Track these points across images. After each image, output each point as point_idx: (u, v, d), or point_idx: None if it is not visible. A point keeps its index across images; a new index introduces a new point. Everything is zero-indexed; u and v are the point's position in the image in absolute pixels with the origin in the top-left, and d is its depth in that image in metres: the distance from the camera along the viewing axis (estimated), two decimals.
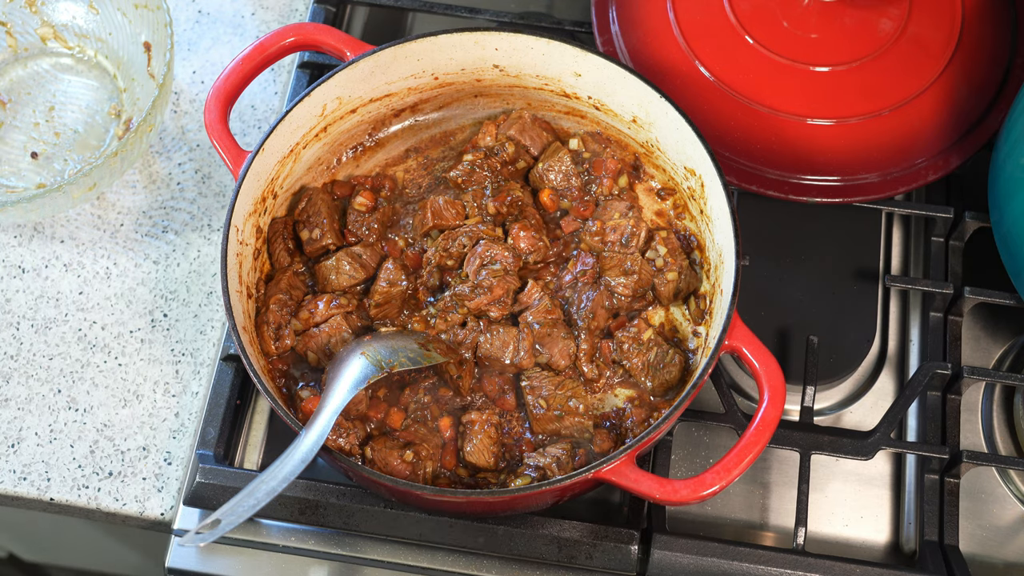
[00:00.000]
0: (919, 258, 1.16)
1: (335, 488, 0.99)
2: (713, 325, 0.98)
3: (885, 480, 1.07)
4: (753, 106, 1.12)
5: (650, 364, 0.99)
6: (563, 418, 0.97)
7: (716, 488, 0.86)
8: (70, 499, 1.05)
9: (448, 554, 1.00)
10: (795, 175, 1.09)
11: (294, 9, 1.28)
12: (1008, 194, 1.00)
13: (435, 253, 1.03)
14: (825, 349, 1.08)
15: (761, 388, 0.90)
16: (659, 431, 0.89)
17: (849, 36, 1.14)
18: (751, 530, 1.05)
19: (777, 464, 1.08)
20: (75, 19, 1.22)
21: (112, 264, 1.14)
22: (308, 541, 1.01)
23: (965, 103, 1.12)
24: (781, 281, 1.13)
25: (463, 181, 1.06)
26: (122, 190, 1.18)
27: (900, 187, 1.09)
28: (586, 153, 1.09)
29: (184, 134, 1.21)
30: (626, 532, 0.97)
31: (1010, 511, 1.06)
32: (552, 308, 1.00)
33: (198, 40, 1.26)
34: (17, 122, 1.19)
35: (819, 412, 1.10)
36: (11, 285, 1.13)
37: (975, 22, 1.15)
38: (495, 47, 1.05)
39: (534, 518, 0.97)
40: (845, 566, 0.97)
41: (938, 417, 1.05)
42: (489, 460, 0.96)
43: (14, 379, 1.09)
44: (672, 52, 1.15)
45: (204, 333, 1.11)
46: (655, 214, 1.07)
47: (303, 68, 1.19)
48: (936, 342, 1.09)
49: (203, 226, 1.16)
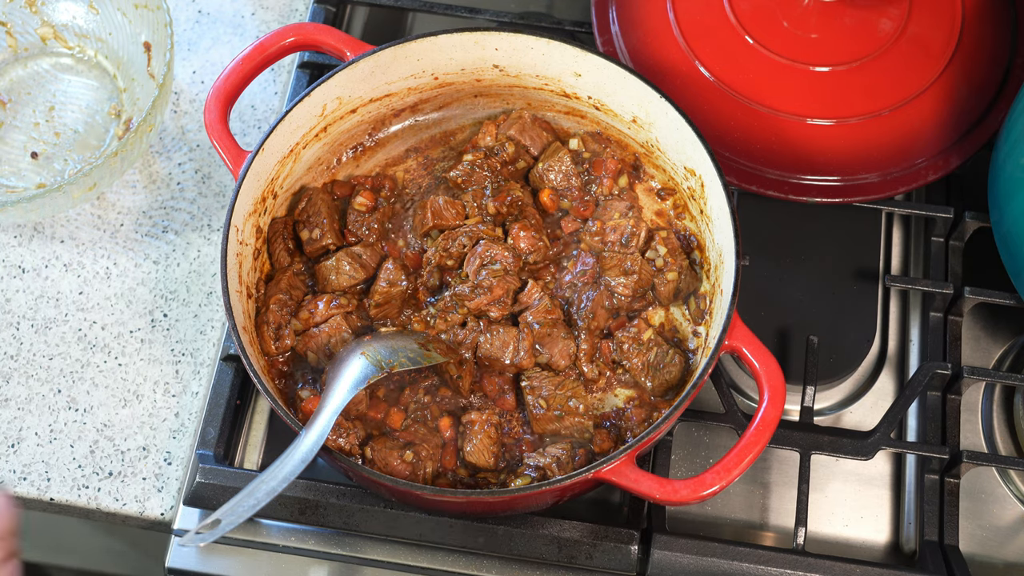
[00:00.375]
0: (919, 258, 1.16)
1: (335, 488, 0.99)
2: (713, 325, 0.98)
3: (885, 480, 1.07)
4: (753, 106, 1.12)
5: (650, 364, 0.99)
6: (563, 418, 0.97)
7: (716, 488, 0.86)
8: (70, 499, 1.05)
9: (448, 554, 1.00)
10: (795, 175, 1.10)
11: (294, 9, 1.28)
12: (1008, 194, 1.00)
13: (435, 253, 1.03)
14: (825, 349, 1.08)
15: (761, 388, 0.90)
16: (659, 431, 0.89)
17: (849, 36, 1.14)
18: (751, 530, 1.05)
19: (777, 464, 1.08)
20: (75, 19, 1.22)
21: (112, 264, 1.14)
22: (308, 541, 1.01)
23: (965, 103, 1.12)
24: (781, 281, 1.13)
25: (463, 181, 1.06)
26: (122, 190, 1.18)
27: (900, 187, 1.09)
28: (586, 153, 1.09)
29: (184, 134, 1.21)
30: (626, 532, 0.97)
31: (1010, 511, 1.06)
32: (552, 308, 1.00)
33: (198, 40, 1.26)
34: (17, 122, 1.19)
35: (819, 412, 1.10)
36: (11, 285, 1.13)
37: (975, 22, 1.15)
38: (495, 47, 1.05)
39: (534, 518, 0.97)
40: (845, 566, 0.97)
41: (938, 417, 1.05)
42: (489, 460, 0.96)
43: (14, 379, 1.09)
44: (672, 52, 1.15)
45: (204, 333, 1.11)
46: (655, 214, 1.07)
47: (303, 68, 1.19)
48: (936, 342, 1.09)
49: (203, 226, 1.16)
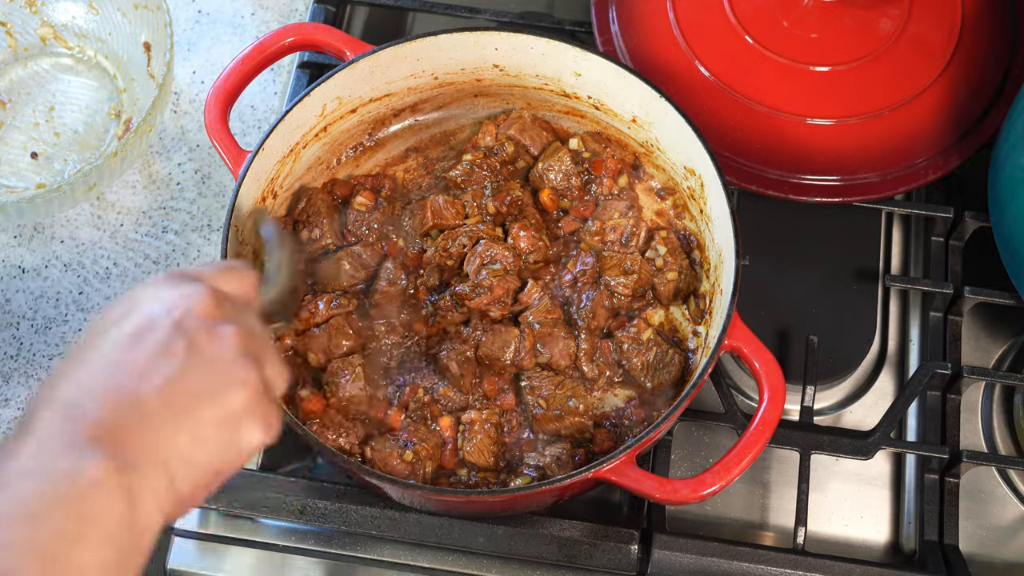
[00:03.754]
0: (919, 258, 1.16)
1: (335, 488, 0.99)
2: (713, 325, 0.98)
3: (885, 480, 1.07)
4: (753, 106, 1.12)
5: (649, 364, 0.99)
6: (563, 418, 0.97)
7: (716, 488, 0.86)
8: None
9: (448, 554, 1.00)
10: (795, 175, 1.10)
11: (294, 9, 1.28)
12: (1008, 194, 1.00)
13: (435, 253, 1.03)
14: (825, 349, 1.08)
15: (761, 388, 0.90)
16: (659, 430, 0.89)
17: (849, 36, 1.14)
18: (751, 530, 1.05)
19: (777, 464, 1.08)
20: (75, 19, 1.22)
21: (112, 264, 1.14)
22: (308, 541, 1.01)
23: (965, 103, 1.12)
24: (781, 281, 1.13)
25: (463, 181, 1.06)
26: (122, 190, 1.18)
27: (900, 187, 1.09)
28: (586, 153, 1.09)
29: (184, 134, 1.21)
30: (626, 532, 0.97)
31: (1010, 511, 1.06)
32: (552, 308, 1.00)
33: (198, 40, 1.26)
34: (17, 122, 1.19)
35: (819, 412, 1.10)
36: (11, 285, 1.13)
37: (975, 22, 1.15)
38: (495, 47, 1.05)
39: (534, 518, 0.97)
40: (845, 566, 0.96)
41: (938, 417, 1.05)
42: (489, 460, 0.96)
43: (14, 379, 1.09)
44: (672, 52, 1.15)
45: None
46: (655, 214, 1.07)
47: (303, 68, 1.19)
48: (936, 342, 1.09)
49: (203, 226, 1.16)
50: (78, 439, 0.62)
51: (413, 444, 0.96)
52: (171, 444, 0.66)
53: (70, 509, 0.60)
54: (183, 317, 0.69)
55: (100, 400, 0.65)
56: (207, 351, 0.69)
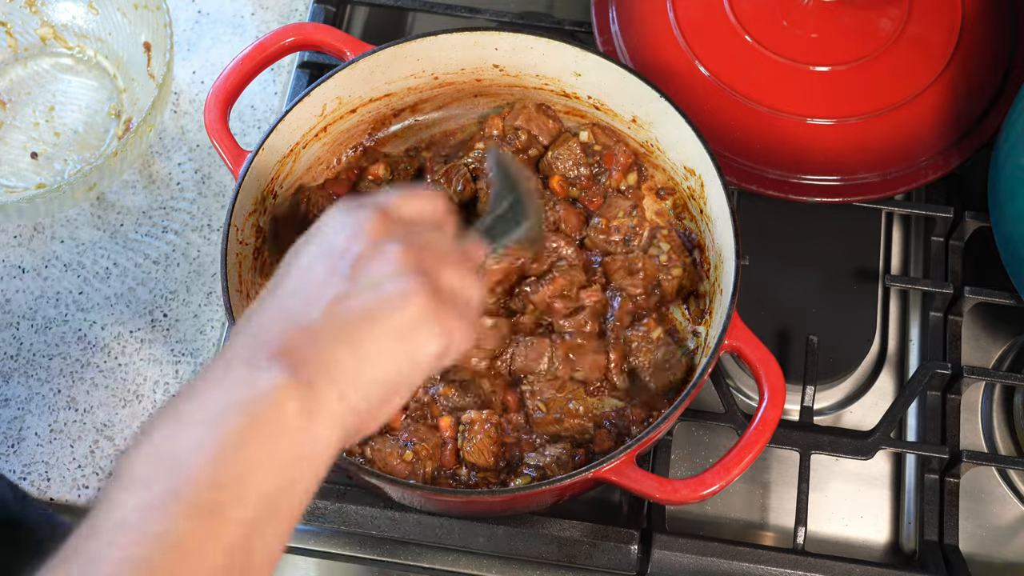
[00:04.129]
0: (919, 258, 1.16)
1: (335, 488, 0.99)
2: (713, 325, 0.98)
3: (885, 480, 1.07)
4: (753, 106, 1.12)
5: (656, 363, 0.98)
6: (563, 420, 0.97)
7: (716, 488, 0.86)
8: (70, 499, 1.05)
9: (448, 554, 1.00)
10: (795, 175, 1.10)
11: (294, 9, 1.28)
12: (1008, 194, 1.00)
13: None
14: (825, 349, 1.07)
15: (761, 388, 0.90)
16: (659, 430, 0.89)
17: (849, 36, 1.14)
18: (751, 530, 1.05)
19: (777, 464, 1.08)
20: (75, 19, 1.22)
21: (112, 264, 1.14)
22: (308, 541, 1.01)
23: (965, 103, 1.12)
24: (781, 281, 1.13)
25: (475, 169, 1.05)
26: (122, 190, 1.18)
27: (900, 187, 1.09)
28: (597, 146, 1.08)
29: (184, 134, 1.21)
30: (626, 532, 0.97)
31: (1010, 511, 1.06)
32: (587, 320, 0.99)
33: (198, 40, 1.26)
34: (17, 122, 1.19)
35: (819, 412, 1.10)
36: (11, 285, 1.13)
37: (975, 22, 1.15)
38: (495, 47, 1.05)
39: (534, 518, 0.97)
40: (845, 566, 0.97)
41: (938, 417, 1.05)
42: (489, 460, 0.96)
43: (14, 379, 1.09)
44: (672, 52, 1.15)
45: (204, 333, 1.11)
46: (655, 214, 1.07)
47: (303, 68, 1.19)
48: (936, 342, 1.09)
49: (203, 226, 1.16)
50: (258, 358, 0.67)
51: (413, 444, 0.96)
52: (340, 363, 0.68)
53: (244, 411, 0.64)
54: (349, 241, 0.73)
55: (278, 326, 0.69)
56: (370, 270, 0.72)
